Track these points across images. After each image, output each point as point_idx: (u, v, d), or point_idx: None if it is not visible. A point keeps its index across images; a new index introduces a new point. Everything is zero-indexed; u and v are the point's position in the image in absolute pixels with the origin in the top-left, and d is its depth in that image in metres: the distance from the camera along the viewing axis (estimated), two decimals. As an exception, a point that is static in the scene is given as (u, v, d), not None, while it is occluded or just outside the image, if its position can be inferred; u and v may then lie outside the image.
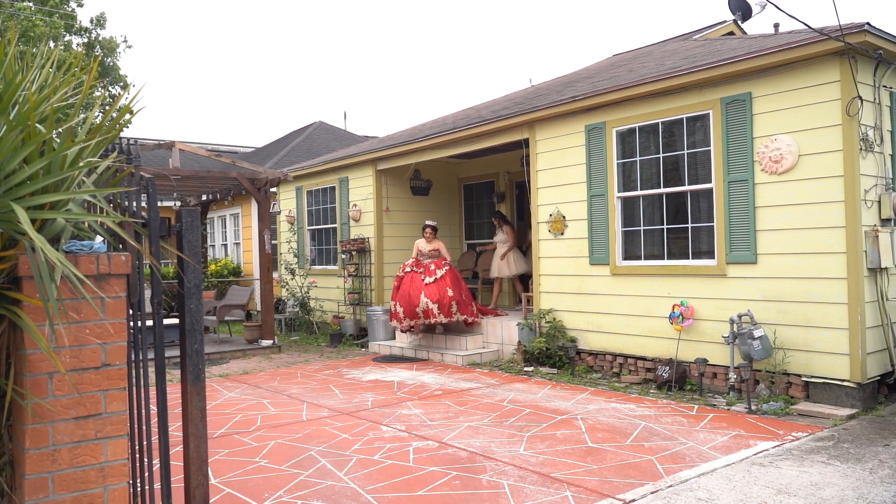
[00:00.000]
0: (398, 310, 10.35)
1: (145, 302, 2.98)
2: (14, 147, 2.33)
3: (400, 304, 10.30)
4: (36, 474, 2.46)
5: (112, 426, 2.61)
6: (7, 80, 2.51)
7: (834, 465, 4.80)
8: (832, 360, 6.39)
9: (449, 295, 10.00)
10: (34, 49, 16.57)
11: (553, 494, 4.40)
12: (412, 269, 10.51)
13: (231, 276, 17.13)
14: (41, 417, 2.46)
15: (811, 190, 6.53)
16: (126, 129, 4.12)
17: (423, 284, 10.17)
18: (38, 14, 19.64)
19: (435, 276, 10.22)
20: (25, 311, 2.40)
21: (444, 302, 9.96)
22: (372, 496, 4.46)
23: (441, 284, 10.13)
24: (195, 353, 2.95)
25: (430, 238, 10.75)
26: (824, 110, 6.42)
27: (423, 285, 10.16)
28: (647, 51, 12.18)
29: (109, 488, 2.60)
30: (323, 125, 23.31)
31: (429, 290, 10.08)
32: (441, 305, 9.96)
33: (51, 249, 2.17)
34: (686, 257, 7.66)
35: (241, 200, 17.17)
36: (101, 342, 2.58)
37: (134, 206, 2.93)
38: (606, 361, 8.45)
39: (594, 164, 8.49)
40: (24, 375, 2.45)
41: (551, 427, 6.06)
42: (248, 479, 4.84)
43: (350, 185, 13.13)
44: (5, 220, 2.21)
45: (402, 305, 10.24)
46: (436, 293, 10.04)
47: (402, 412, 6.80)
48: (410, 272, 10.47)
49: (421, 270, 10.42)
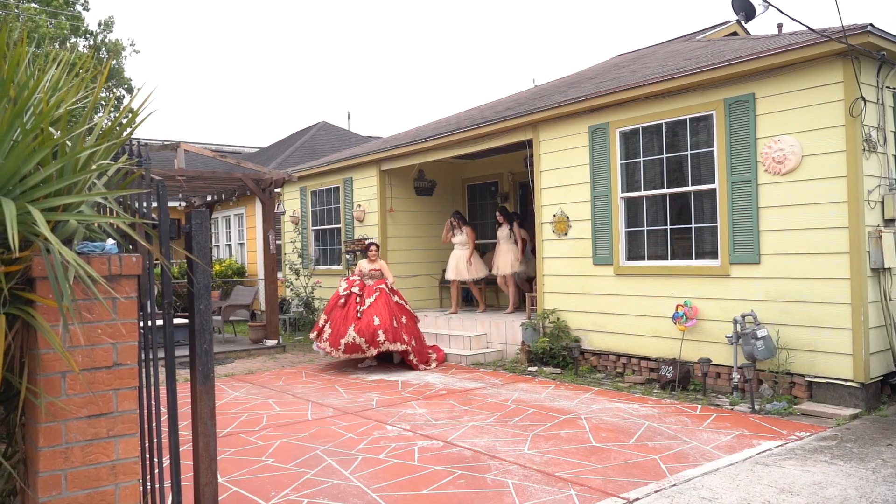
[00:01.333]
0: (327, 331, 9.44)
1: (155, 302, 3.03)
2: (29, 151, 2.37)
3: (331, 324, 9.43)
4: (49, 472, 2.50)
5: (123, 425, 2.65)
6: (21, 84, 2.55)
7: (837, 464, 4.82)
8: (835, 360, 6.41)
9: (375, 324, 9.06)
10: (39, 50, 16.65)
11: (557, 493, 4.43)
12: (352, 291, 9.56)
13: (235, 276, 17.19)
14: (54, 416, 2.50)
15: (814, 190, 6.55)
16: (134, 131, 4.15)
17: (355, 315, 9.27)
18: (43, 15, 19.71)
19: (365, 305, 9.35)
20: (39, 311, 2.44)
21: (370, 332, 9.04)
22: (377, 495, 4.49)
23: (371, 312, 9.23)
24: (204, 353, 2.99)
25: (373, 258, 10.00)
26: (827, 111, 6.44)
27: (355, 316, 9.26)
28: (651, 51, 12.20)
29: (121, 486, 2.65)
30: (327, 126, 23.36)
31: (359, 321, 9.20)
32: (368, 337, 9.03)
33: (66, 250, 2.22)
34: (689, 258, 7.68)
35: (245, 201, 17.22)
36: (113, 342, 2.62)
37: (144, 207, 2.98)
38: (610, 361, 8.47)
39: (598, 165, 8.51)
40: (38, 375, 2.49)
41: (555, 426, 6.09)
42: (254, 478, 4.89)
43: (354, 186, 13.17)
44: (21, 222, 2.25)
45: (332, 329, 9.35)
46: (364, 323, 9.15)
47: (407, 412, 6.83)
48: (350, 294, 9.54)
49: (361, 292, 9.58)
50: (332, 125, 23.69)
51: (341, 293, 9.59)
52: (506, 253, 10.90)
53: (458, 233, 11.18)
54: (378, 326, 9.03)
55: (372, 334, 9.00)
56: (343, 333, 9.13)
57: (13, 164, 2.31)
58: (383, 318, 9.14)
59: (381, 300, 9.36)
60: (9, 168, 2.30)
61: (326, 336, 9.38)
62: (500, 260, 10.95)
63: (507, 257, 10.87)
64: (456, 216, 11.37)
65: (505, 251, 10.93)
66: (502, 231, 10.95)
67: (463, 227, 11.20)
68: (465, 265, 11.17)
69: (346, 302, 9.46)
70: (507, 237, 10.90)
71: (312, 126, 23.44)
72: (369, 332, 9.02)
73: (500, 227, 10.99)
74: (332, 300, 9.69)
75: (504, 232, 10.92)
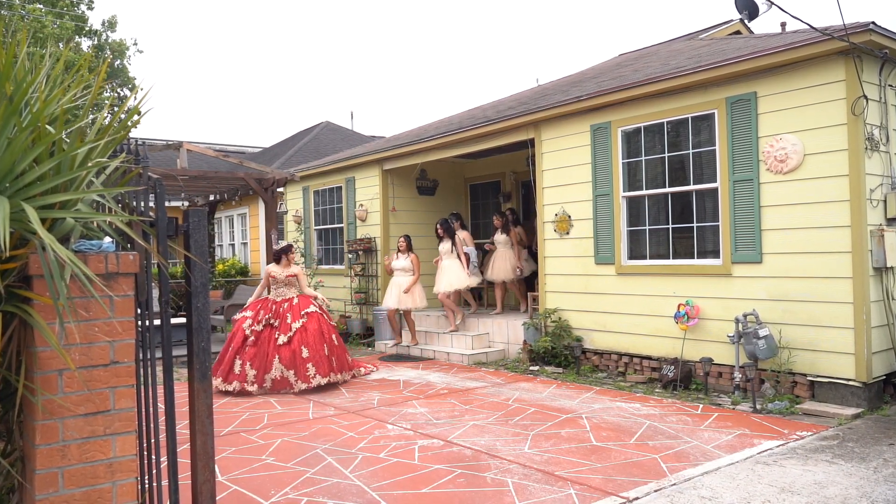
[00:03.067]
0: (246, 371, 7.93)
1: (153, 301, 3.03)
2: (25, 147, 2.37)
3: (250, 364, 7.98)
4: (46, 469, 2.50)
5: (121, 422, 2.65)
6: (18, 81, 2.56)
7: (838, 464, 4.80)
8: (837, 360, 6.39)
9: (303, 356, 7.95)
10: (43, 50, 16.70)
11: (557, 492, 4.43)
12: (265, 322, 8.19)
13: (238, 275, 17.22)
14: (51, 413, 2.51)
15: (816, 189, 6.53)
16: (134, 129, 4.21)
17: (276, 345, 8.03)
18: (49, 16, 19.76)
19: (290, 333, 8.08)
20: (36, 308, 2.45)
21: (299, 364, 7.92)
22: (377, 493, 4.49)
23: (299, 340, 8.03)
24: (202, 351, 2.99)
25: (289, 262, 8.61)
26: (829, 109, 6.42)
27: (276, 346, 8.02)
28: (653, 50, 12.18)
29: (118, 483, 2.64)
30: (330, 125, 23.37)
31: (282, 351, 7.99)
32: (297, 370, 7.91)
33: (61, 248, 2.22)
34: (691, 257, 7.66)
35: (248, 201, 17.26)
36: (110, 340, 2.62)
37: (142, 206, 2.98)
38: (612, 361, 8.46)
39: (599, 164, 8.50)
40: (35, 372, 2.50)
41: (556, 426, 6.08)
42: (254, 477, 4.89)
43: (356, 185, 13.18)
44: (16, 220, 2.25)
45: (254, 367, 7.96)
46: (289, 354, 7.97)
47: (408, 411, 6.83)
48: (266, 327, 8.17)
49: (275, 322, 8.18)
50: (335, 125, 23.70)
51: (249, 328, 8.20)
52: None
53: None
54: (306, 359, 7.95)
55: (303, 368, 7.90)
56: (269, 368, 7.93)
57: (8, 161, 2.31)
58: (314, 348, 8.03)
59: (311, 325, 8.19)
60: (4, 165, 2.31)
61: (251, 378, 7.93)
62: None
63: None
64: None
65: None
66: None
67: (410, 253, 10.52)
68: (404, 295, 10.29)
69: (265, 337, 8.14)
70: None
71: (316, 126, 23.46)
72: (299, 365, 7.92)
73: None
74: (238, 337, 8.21)
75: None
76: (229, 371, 7.98)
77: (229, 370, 7.98)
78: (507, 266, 10.62)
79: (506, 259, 10.64)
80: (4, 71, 2.42)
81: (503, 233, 10.75)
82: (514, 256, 10.64)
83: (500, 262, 10.71)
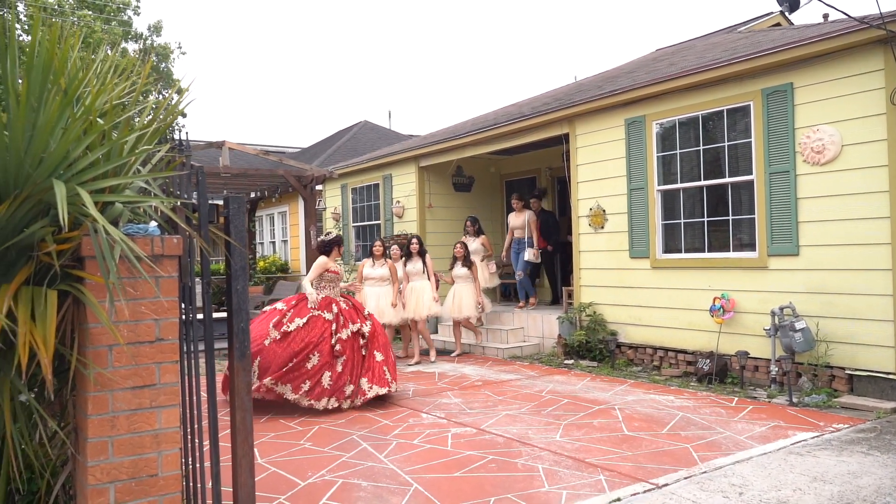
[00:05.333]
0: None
1: (195, 283, 3.20)
2: (77, 136, 2.55)
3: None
4: (97, 438, 2.68)
5: (165, 396, 2.82)
6: (71, 77, 2.75)
7: (874, 455, 4.76)
8: (877, 353, 6.30)
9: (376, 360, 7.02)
10: (93, 55, 17.30)
11: (587, 478, 4.49)
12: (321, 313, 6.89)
13: (279, 272, 17.56)
14: (102, 386, 2.68)
15: (854, 180, 6.44)
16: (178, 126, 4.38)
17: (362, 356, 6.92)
18: (98, 21, 20.43)
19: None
20: (88, 287, 2.63)
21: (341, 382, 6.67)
22: (410, 476, 4.62)
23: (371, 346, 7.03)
24: (241, 332, 3.15)
25: (339, 254, 7.84)
26: (868, 99, 6.33)
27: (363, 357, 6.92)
28: (690, 44, 12.08)
29: (163, 453, 2.82)
30: (368, 124, 23.64)
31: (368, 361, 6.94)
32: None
33: (113, 229, 2.39)
34: (727, 250, 7.62)
35: (288, 199, 17.61)
36: (156, 318, 2.79)
37: (185, 194, 3.15)
38: (647, 354, 8.45)
39: (634, 158, 8.49)
40: (87, 347, 2.68)
41: (588, 416, 6.13)
42: (292, 460, 5.06)
43: (393, 182, 13.35)
44: (71, 203, 2.42)
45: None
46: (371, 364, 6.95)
47: (443, 401, 6.95)
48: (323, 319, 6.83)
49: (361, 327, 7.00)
50: (373, 124, 23.96)
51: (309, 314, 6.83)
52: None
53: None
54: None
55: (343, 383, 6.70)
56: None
57: (63, 149, 2.49)
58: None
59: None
60: (59, 152, 2.49)
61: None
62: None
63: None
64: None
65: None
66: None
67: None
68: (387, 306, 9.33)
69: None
70: (521, 223, 10.59)
71: (354, 125, 23.76)
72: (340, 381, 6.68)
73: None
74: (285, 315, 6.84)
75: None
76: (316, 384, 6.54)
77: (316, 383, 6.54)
78: (470, 301, 9.78)
79: (469, 293, 9.81)
80: (59, 67, 2.61)
81: (464, 266, 9.85)
82: (474, 291, 9.83)
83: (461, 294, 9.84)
